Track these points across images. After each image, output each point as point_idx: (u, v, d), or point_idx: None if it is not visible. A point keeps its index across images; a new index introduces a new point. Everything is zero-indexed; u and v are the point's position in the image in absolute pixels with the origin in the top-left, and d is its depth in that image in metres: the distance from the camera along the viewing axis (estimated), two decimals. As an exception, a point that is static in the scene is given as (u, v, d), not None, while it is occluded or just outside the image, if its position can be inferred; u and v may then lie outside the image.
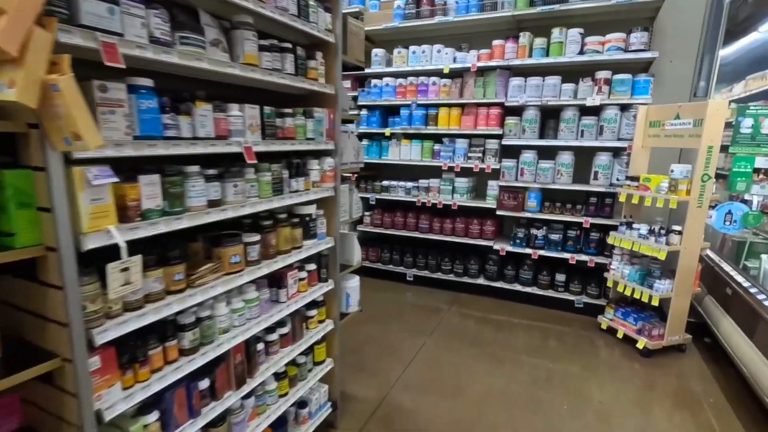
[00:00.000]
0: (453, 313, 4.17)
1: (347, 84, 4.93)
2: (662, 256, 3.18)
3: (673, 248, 3.18)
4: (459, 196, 4.52)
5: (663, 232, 3.26)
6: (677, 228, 3.21)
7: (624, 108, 3.73)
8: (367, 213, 5.08)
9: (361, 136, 5.00)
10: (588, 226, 3.96)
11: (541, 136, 4.16)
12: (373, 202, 4.99)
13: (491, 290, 4.51)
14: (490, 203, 4.37)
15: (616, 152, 3.83)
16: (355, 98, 4.91)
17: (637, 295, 3.42)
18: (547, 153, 4.11)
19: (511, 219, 4.52)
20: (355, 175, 5.15)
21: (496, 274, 4.46)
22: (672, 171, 3.31)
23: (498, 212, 4.29)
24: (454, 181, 4.53)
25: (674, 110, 3.29)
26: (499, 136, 4.24)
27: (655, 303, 3.27)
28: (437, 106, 4.49)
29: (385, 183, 4.91)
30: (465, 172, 4.54)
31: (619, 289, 3.58)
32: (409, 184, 4.76)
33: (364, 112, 4.85)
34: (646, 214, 3.74)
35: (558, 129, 3.99)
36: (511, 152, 4.46)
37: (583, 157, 4.04)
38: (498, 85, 4.15)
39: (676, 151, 3.92)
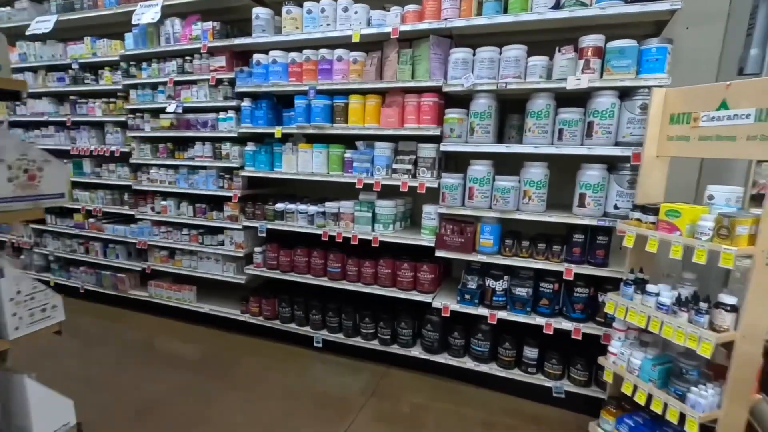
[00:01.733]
0: (371, 411, 2.66)
1: (221, 61, 3.36)
2: (707, 352, 1.79)
3: (726, 336, 1.80)
4: (382, 228, 3.03)
5: (702, 304, 1.88)
6: (728, 300, 1.83)
7: (626, 94, 2.36)
8: (258, 249, 3.52)
9: (243, 139, 3.44)
10: (571, 277, 2.55)
11: (500, 138, 2.75)
12: (263, 233, 3.44)
13: (431, 366, 3.04)
14: (426, 238, 2.91)
15: (614, 164, 2.46)
16: (232, 82, 3.36)
17: (657, 407, 2.02)
18: (508, 164, 2.70)
19: (459, 263, 3.08)
20: (238, 196, 3.62)
21: (437, 344, 3.00)
22: (711, 198, 1.94)
23: (437, 252, 2.83)
24: (374, 205, 3.05)
25: (717, 94, 1.92)
26: (437, 139, 2.80)
27: (692, 429, 1.88)
28: (346, 93, 3.00)
29: (280, 206, 3.37)
30: (389, 192, 3.07)
31: (625, 389, 2.18)
32: (312, 209, 3.24)
33: (246, 103, 3.31)
34: (651, 258, 2.37)
35: (524, 128, 2.58)
36: (455, 163, 3.02)
37: (564, 172, 2.65)
38: (433, 60, 2.71)
39: (710, 165, 2.59)
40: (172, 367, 3.16)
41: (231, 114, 3.38)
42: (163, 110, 3.59)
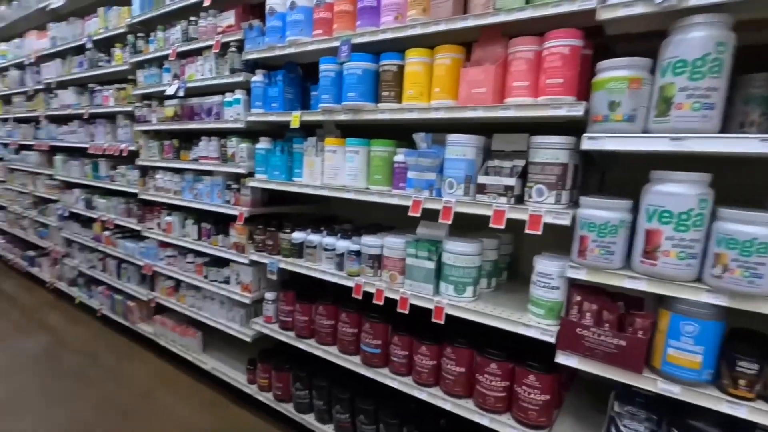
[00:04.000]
0: None
1: (229, 18, 2.29)
2: None
3: None
4: (452, 291, 1.64)
5: None
6: None
7: None
8: (269, 296, 2.36)
9: (254, 132, 2.32)
10: None
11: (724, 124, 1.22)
12: (274, 275, 2.26)
13: None
14: (536, 323, 1.45)
15: None
16: (239, 47, 2.26)
17: None
18: (730, 184, 1.16)
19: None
20: (244, 216, 2.44)
21: None
22: None
23: (562, 356, 1.37)
24: (441, 247, 1.68)
25: None
26: (574, 126, 1.36)
27: None
28: (400, 47, 1.69)
29: (297, 237, 2.17)
30: (470, 224, 1.70)
31: None
32: (342, 245, 1.98)
33: (257, 77, 2.18)
34: None
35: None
36: (603, 176, 1.55)
37: None
38: (575, -41, 1.28)
39: None
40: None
41: (238, 95, 2.29)
42: (165, 95, 2.65)
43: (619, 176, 1.68)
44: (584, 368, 1.36)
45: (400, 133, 1.88)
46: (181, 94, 2.51)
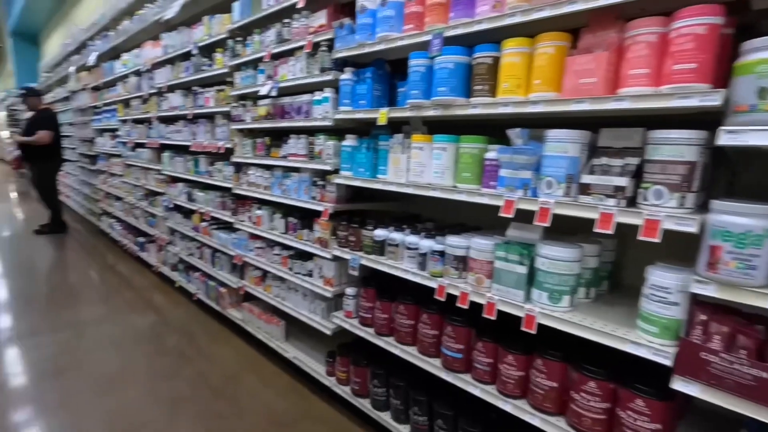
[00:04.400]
0: None
1: (321, 18, 2.35)
2: None
3: None
4: (546, 298, 1.52)
5: None
6: None
7: None
8: (350, 291, 2.39)
9: (342, 129, 2.36)
10: None
11: None
12: (355, 271, 2.28)
13: None
14: (647, 342, 1.29)
15: None
16: (330, 46, 2.30)
17: None
18: None
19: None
20: (329, 212, 2.50)
21: None
22: None
23: (679, 382, 1.20)
24: (533, 251, 1.56)
25: None
26: (708, 119, 1.18)
27: None
28: (496, 38, 1.60)
29: (380, 234, 2.16)
30: (567, 227, 1.56)
31: None
32: (425, 244, 1.93)
33: (346, 74, 2.21)
34: None
35: None
36: (733, 176, 1.32)
37: None
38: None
39: None
40: (245, 418, 2.28)
41: (327, 93, 2.34)
42: (259, 95, 2.80)
43: (754, 177, 1.44)
44: (708, 399, 1.17)
45: (490, 130, 1.79)
46: (273, 93, 2.64)
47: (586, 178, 1.39)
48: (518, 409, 1.64)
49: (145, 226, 5.18)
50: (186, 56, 3.79)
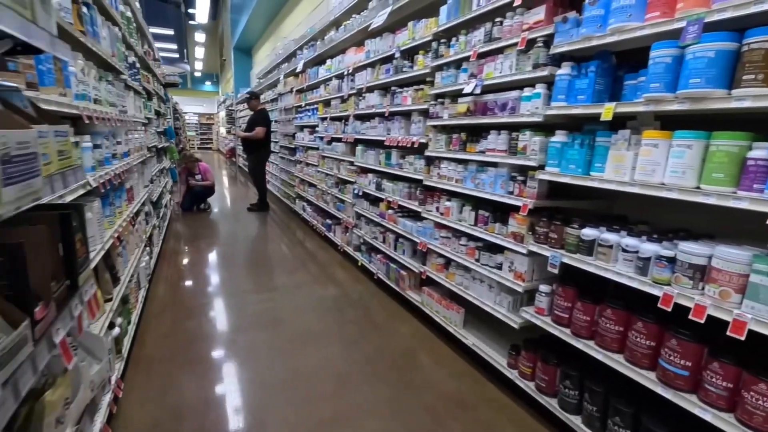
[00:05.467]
0: None
1: (538, 14, 2.35)
2: None
3: None
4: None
5: None
6: None
7: None
8: (544, 289, 2.39)
9: (551, 125, 2.34)
10: None
11: None
12: (555, 268, 2.25)
13: None
14: None
15: None
16: (549, 42, 2.29)
17: None
18: None
19: None
20: (528, 207, 2.50)
21: None
22: None
23: None
24: (814, 268, 1.33)
25: None
26: None
27: None
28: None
29: (588, 234, 2.09)
30: None
31: None
32: (649, 249, 1.81)
33: (563, 70, 2.18)
34: None
35: None
36: None
37: None
38: None
39: None
40: (424, 391, 2.54)
41: (539, 89, 2.35)
42: (461, 93, 2.96)
43: None
44: None
45: (754, 125, 1.57)
46: (477, 91, 2.76)
47: None
48: (768, 446, 1.43)
49: (333, 209, 5.96)
50: (386, 59, 4.21)
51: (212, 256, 5.50)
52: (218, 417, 2.40)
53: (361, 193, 4.92)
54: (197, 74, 31.24)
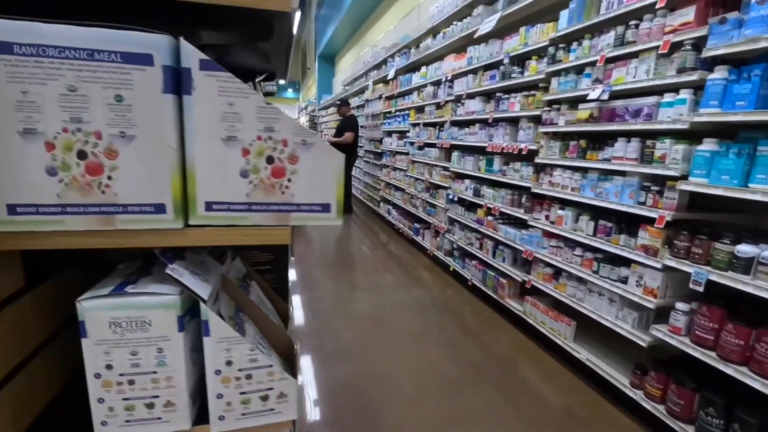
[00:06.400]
0: None
1: (686, 15, 2.22)
2: None
3: None
4: None
5: None
6: None
7: None
8: (682, 307, 2.24)
9: (697, 133, 2.20)
10: None
11: None
12: (699, 285, 2.10)
13: None
14: None
15: None
16: (697, 45, 2.15)
17: None
18: None
19: None
20: (666, 219, 2.33)
21: None
22: None
23: None
24: None
25: None
26: None
27: None
28: None
29: (745, 250, 1.93)
30: None
31: None
32: (831, 270, 1.63)
33: (716, 74, 2.04)
34: None
35: None
36: None
37: None
38: None
39: None
40: (535, 402, 2.52)
41: (684, 95, 2.21)
42: (583, 99, 2.88)
43: None
44: None
45: None
46: (604, 97, 2.67)
47: None
48: None
49: (423, 214, 6.03)
50: (491, 66, 4.20)
51: (303, 254, 5.83)
52: (338, 404, 2.56)
53: (456, 199, 4.94)
54: (281, 82, 33.25)
